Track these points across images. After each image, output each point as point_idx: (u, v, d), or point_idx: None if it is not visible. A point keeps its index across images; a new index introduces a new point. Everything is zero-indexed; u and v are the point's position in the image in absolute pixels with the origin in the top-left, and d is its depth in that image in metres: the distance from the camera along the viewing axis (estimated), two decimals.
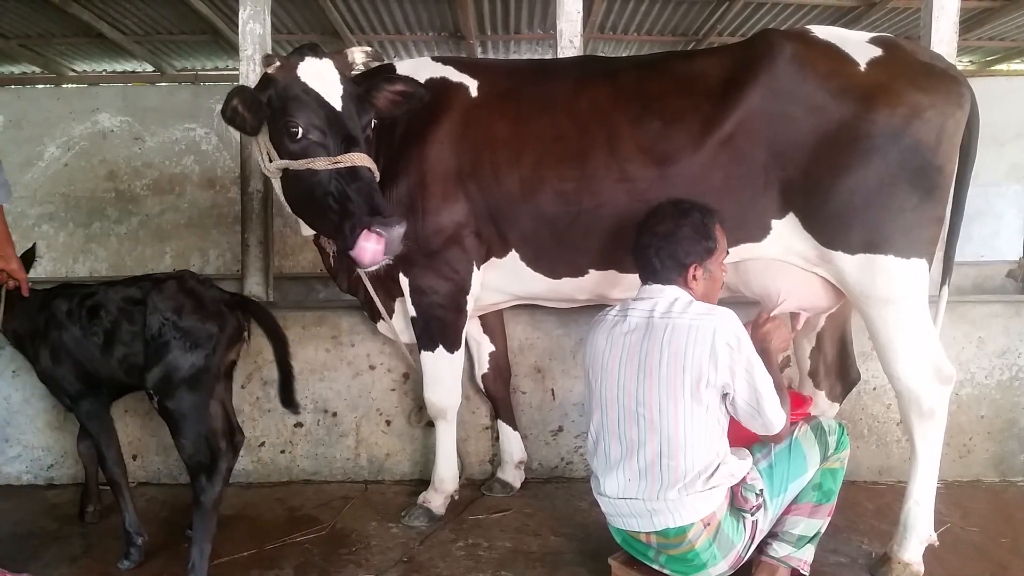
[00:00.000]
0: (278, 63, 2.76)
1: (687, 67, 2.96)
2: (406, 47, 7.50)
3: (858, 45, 2.79)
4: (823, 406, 3.30)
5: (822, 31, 2.87)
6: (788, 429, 2.45)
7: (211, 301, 2.93)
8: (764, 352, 2.58)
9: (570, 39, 3.92)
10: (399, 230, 2.59)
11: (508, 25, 6.90)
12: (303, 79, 2.71)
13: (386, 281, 3.24)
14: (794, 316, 3.04)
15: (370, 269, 2.69)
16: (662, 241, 2.49)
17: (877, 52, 2.76)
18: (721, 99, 2.79)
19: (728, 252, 2.65)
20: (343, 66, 2.80)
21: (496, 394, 3.67)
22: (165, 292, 2.88)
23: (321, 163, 2.66)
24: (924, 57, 2.82)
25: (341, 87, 2.74)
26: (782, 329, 2.68)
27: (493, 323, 3.62)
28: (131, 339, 2.90)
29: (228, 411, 3.22)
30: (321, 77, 2.72)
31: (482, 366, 3.63)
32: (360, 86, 2.83)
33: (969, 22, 6.56)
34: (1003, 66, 8.55)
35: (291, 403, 3.02)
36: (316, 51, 2.79)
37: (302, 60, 2.74)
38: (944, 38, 3.83)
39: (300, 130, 2.68)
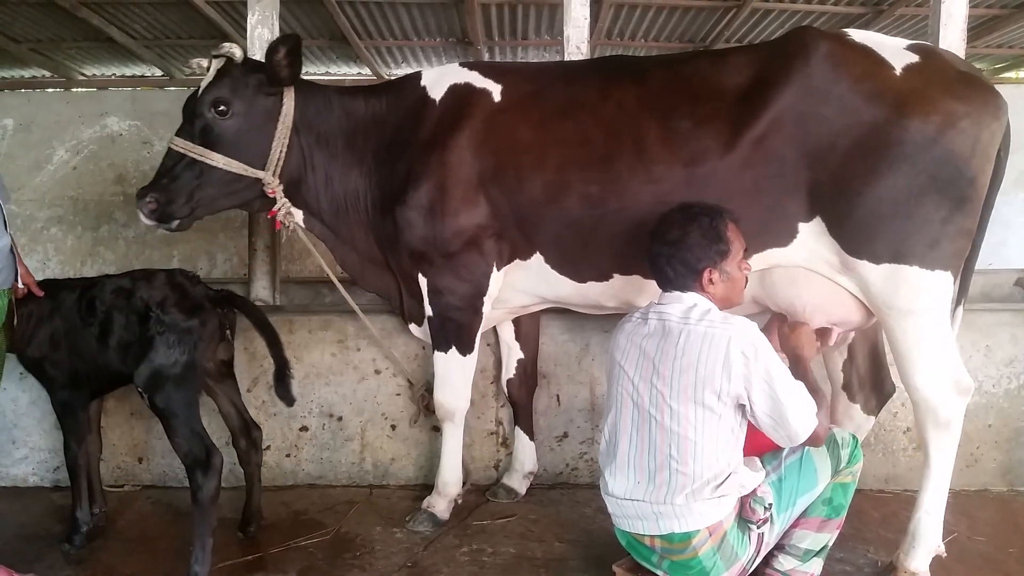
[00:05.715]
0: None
1: (718, 65, 2.91)
2: (413, 52, 7.52)
3: (895, 50, 2.74)
4: (859, 419, 3.26)
5: (858, 34, 2.82)
6: (826, 431, 2.39)
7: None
8: (798, 359, 2.56)
9: (577, 45, 3.93)
10: (141, 204, 3.08)
11: (516, 31, 6.91)
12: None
13: (412, 285, 3.26)
14: (826, 331, 2.96)
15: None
16: (672, 248, 2.47)
17: (914, 58, 2.71)
18: (754, 97, 2.74)
19: (747, 251, 2.60)
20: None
21: (518, 400, 3.67)
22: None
23: None
24: (962, 66, 2.77)
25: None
26: (810, 334, 2.67)
27: (527, 329, 3.63)
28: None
29: (239, 408, 3.28)
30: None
31: (509, 371, 3.64)
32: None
33: (977, 29, 6.54)
34: (1011, 74, 8.52)
35: (287, 396, 3.01)
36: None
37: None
38: (952, 45, 3.79)
39: None
